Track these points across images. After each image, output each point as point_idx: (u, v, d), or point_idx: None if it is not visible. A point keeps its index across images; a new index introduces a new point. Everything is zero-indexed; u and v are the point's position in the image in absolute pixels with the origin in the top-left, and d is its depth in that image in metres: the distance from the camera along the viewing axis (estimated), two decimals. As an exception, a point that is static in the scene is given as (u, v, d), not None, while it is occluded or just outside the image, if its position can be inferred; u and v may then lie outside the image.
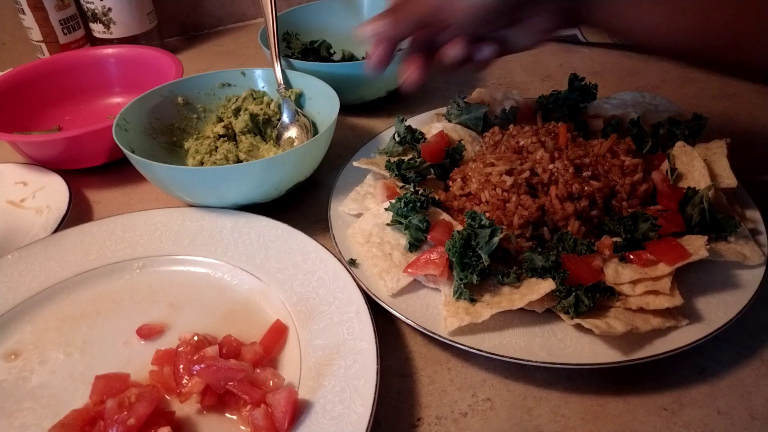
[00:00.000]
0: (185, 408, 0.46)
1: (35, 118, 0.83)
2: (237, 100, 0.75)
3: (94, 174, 0.75)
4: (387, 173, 0.62)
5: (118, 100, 0.89)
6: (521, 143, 0.61)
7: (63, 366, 0.50)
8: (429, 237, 0.54)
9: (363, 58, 0.91)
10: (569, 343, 0.47)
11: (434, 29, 0.56)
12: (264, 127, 0.74)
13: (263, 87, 0.77)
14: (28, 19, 0.93)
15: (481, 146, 0.66)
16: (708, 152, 0.61)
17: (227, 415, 0.46)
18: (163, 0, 1.06)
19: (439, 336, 0.48)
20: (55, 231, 0.62)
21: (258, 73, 0.76)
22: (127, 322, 0.53)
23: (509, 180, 0.56)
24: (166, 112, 0.74)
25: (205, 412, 0.46)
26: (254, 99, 0.75)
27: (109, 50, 0.88)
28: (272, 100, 0.75)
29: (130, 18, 0.97)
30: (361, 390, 0.43)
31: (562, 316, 0.48)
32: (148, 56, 0.86)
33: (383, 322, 0.52)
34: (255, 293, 0.55)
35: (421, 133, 0.68)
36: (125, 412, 0.42)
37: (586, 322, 0.45)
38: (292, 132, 0.72)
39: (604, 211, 0.56)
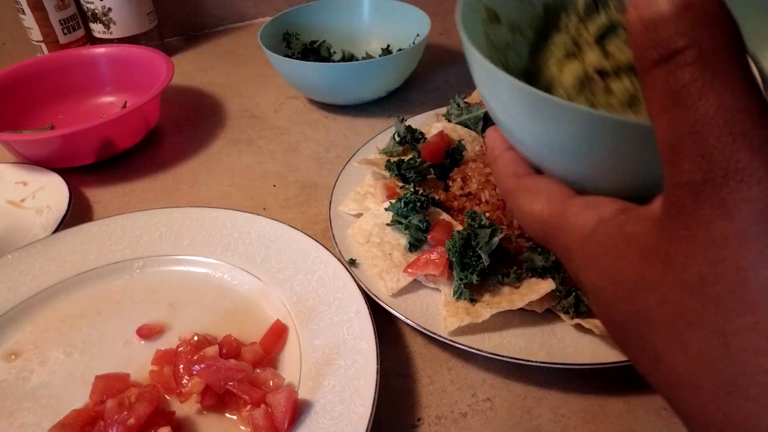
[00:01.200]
0: (185, 408, 0.46)
1: (27, 117, 0.83)
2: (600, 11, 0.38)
3: (93, 173, 0.76)
4: (387, 173, 0.62)
5: (110, 99, 0.89)
6: (521, 143, 0.61)
7: (63, 366, 0.50)
8: (429, 237, 0.54)
9: (363, 58, 0.91)
10: (569, 343, 0.47)
11: None
12: None
13: None
14: (28, 19, 0.93)
15: (481, 146, 0.66)
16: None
17: (227, 415, 0.46)
18: (163, 0, 1.06)
19: (439, 336, 0.48)
20: (55, 231, 0.62)
21: None
22: (127, 322, 0.53)
23: (509, 180, 0.56)
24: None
25: (205, 412, 0.46)
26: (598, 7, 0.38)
27: (101, 50, 0.88)
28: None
29: (130, 18, 0.97)
30: (361, 390, 0.43)
31: (562, 316, 0.48)
32: (140, 56, 0.86)
33: (383, 322, 0.52)
34: (255, 293, 0.55)
35: (421, 133, 0.68)
36: (125, 412, 0.42)
37: (586, 322, 0.45)
38: None
39: (604, 211, 0.56)
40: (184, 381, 0.46)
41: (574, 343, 0.47)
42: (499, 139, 0.33)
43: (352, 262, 0.55)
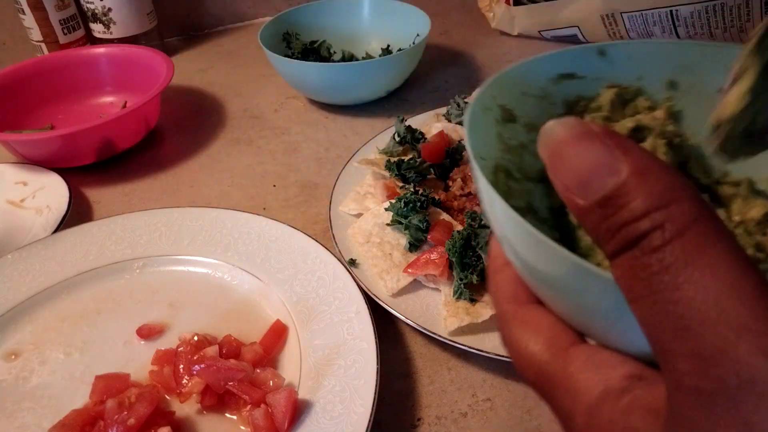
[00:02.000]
0: (185, 408, 0.46)
1: (27, 117, 0.83)
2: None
3: (93, 173, 0.76)
4: (387, 173, 0.62)
5: (110, 99, 0.89)
6: (521, 143, 0.61)
7: (63, 366, 0.50)
8: (429, 237, 0.54)
9: (363, 58, 0.91)
10: (569, 343, 0.47)
11: None
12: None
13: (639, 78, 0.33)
14: (28, 19, 0.93)
15: (481, 146, 0.66)
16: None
17: (227, 415, 0.46)
18: (163, 0, 1.06)
19: (439, 336, 0.48)
20: (55, 231, 0.62)
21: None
22: (127, 322, 0.53)
23: (509, 180, 0.56)
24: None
25: (205, 412, 0.46)
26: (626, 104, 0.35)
27: (101, 50, 0.88)
28: (655, 102, 0.34)
29: (130, 18, 0.97)
30: (361, 390, 0.43)
31: (562, 316, 0.48)
32: (140, 56, 0.86)
33: (383, 322, 0.52)
34: (255, 293, 0.55)
35: (421, 133, 0.68)
36: (125, 412, 0.42)
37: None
38: None
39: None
40: (184, 381, 0.46)
41: (574, 343, 0.47)
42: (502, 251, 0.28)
43: (352, 262, 0.55)
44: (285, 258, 0.56)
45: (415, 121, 0.73)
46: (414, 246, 0.55)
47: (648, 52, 0.34)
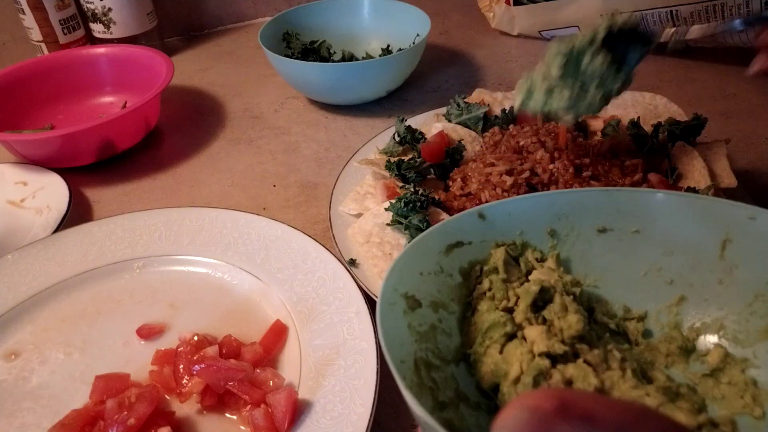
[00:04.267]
0: (185, 408, 0.46)
1: (27, 117, 0.83)
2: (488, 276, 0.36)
3: (93, 173, 0.76)
4: (387, 173, 0.62)
5: (110, 99, 0.89)
6: (521, 143, 0.61)
7: (63, 366, 0.50)
8: (429, 237, 0.54)
9: (363, 58, 0.91)
10: (569, 343, 0.47)
11: None
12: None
13: (521, 233, 0.37)
14: (28, 19, 0.93)
15: (481, 146, 0.66)
16: (708, 152, 0.61)
17: (227, 415, 0.46)
18: (163, 0, 1.06)
19: (439, 336, 0.48)
20: (55, 231, 0.62)
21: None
22: (127, 322, 0.53)
23: (509, 180, 0.56)
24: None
25: (205, 412, 0.46)
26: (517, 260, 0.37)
27: (101, 50, 0.88)
28: (542, 252, 0.37)
29: (130, 18, 0.97)
30: (361, 390, 0.43)
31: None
32: (140, 56, 0.86)
33: (383, 322, 0.52)
34: (255, 293, 0.55)
35: (421, 133, 0.68)
36: (125, 412, 0.42)
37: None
38: None
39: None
40: (184, 381, 0.46)
41: (574, 343, 0.47)
42: None
43: (352, 262, 0.55)
44: (285, 258, 0.56)
45: (415, 121, 0.73)
46: (414, 246, 0.54)
47: (522, 208, 0.37)
